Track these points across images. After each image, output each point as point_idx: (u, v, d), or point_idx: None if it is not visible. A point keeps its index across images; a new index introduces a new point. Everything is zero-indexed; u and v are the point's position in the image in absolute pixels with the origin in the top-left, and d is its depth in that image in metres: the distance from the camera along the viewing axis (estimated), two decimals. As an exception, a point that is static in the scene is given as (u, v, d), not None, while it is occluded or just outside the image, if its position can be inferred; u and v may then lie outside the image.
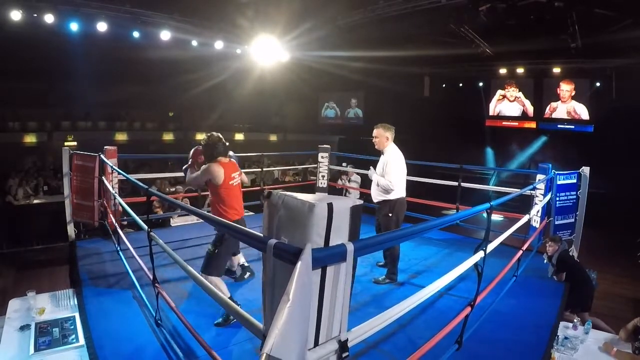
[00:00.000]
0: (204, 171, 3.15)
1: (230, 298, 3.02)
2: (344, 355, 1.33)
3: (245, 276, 3.84)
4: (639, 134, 9.29)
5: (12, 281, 6.04)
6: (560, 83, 11.32)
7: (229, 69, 11.55)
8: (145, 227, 2.83)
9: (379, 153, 4.04)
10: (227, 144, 3.26)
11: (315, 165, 6.88)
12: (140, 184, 2.90)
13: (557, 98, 11.54)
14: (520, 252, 3.50)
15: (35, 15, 7.29)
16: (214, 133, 3.24)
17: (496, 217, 5.49)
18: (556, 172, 4.63)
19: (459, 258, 2.45)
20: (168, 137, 15.41)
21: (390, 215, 3.82)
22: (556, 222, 4.71)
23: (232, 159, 3.33)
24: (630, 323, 3.16)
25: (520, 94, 12.23)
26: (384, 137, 3.85)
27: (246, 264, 3.91)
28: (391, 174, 3.74)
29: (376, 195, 3.91)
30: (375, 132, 3.91)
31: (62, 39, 8.40)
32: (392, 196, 3.80)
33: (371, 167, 4.02)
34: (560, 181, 4.67)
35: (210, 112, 15.00)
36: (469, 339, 2.46)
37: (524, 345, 2.86)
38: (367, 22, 8.25)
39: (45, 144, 12.83)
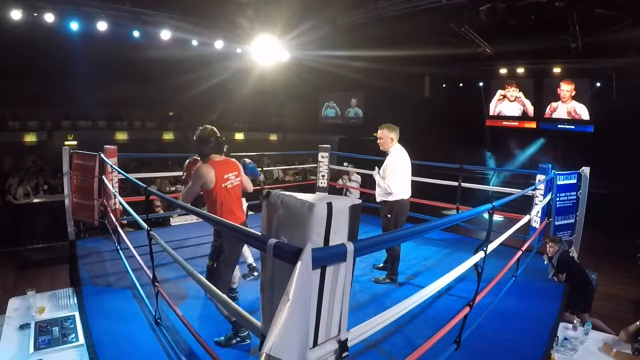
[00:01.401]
0: (193, 177, 2.74)
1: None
2: (343, 354, 1.33)
3: (255, 274, 3.71)
4: (639, 134, 9.28)
5: (12, 280, 6.04)
6: (561, 83, 11.31)
7: (229, 69, 11.55)
8: (145, 226, 2.82)
9: (379, 152, 4.01)
10: (223, 138, 2.89)
11: (315, 165, 6.87)
12: (140, 182, 2.90)
13: (557, 98, 11.53)
14: (520, 252, 3.50)
15: (36, 14, 7.29)
16: (207, 126, 2.85)
17: (496, 217, 5.48)
18: (556, 173, 4.62)
19: (459, 258, 2.44)
20: (168, 136, 15.40)
21: (388, 216, 3.80)
22: (556, 223, 4.70)
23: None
24: (632, 325, 3.15)
25: (521, 94, 12.22)
26: (388, 137, 3.78)
27: (254, 264, 3.77)
28: (390, 177, 3.72)
29: (378, 196, 3.92)
30: (379, 132, 3.84)
31: (62, 38, 8.41)
32: (391, 198, 3.77)
33: (376, 168, 3.98)
34: (561, 181, 4.67)
35: (210, 112, 15.00)
36: (468, 339, 2.46)
37: (523, 346, 2.85)
38: (367, 22, 8.26)
39: (45, 143, 12.82)
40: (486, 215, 2.35)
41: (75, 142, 12.71)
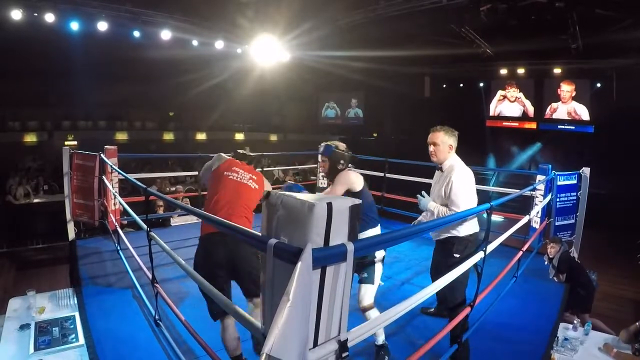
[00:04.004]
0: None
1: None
2: (343, 355, 1.33)
3: None
4: (639, 135, 9.29)
5: (12, 280, 6.05)
6: (561, 83, 11.33)
7: (229, 69, 11.56)
8: (145, 226, 2.82)
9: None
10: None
11: (316, 166, 6.87)
12: (139, 183, 2.90)
13: (557, 98, 11.55)
14: (521, 252, 3.50)
15: (36, 14, 7.29)
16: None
17: (497, 217, 5.48)
18: (556, 173, 4.62)
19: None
20: (168, 137, 15.40)
21: (456, 256, 2.47)
22: (556, 223, 4.70)
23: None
24: (633, 325, 3.15)
25: (521, 95, 12.24)
26: (446, 145, 2.65)
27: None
28: (460, 202, 2.47)
29: (439, 232, 2.64)
30: (433, 137, 2.69)
31: (62, 38, 8.40)
32: (464, 232, 2.52)
33: (421, 196, 2.73)
34: (561, 182, 4.67)
35: (210, 112, 15.00)
36: (469, 339, 2.46)
37: (523, 346, 2.85)
38: (368, 22, 8.26)
39: (45, 143, 12.82)
40: (485, 215, 2.35)
41: (75, 142, 12.71)
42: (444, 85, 13.63)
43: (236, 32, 9.45)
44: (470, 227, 2.53)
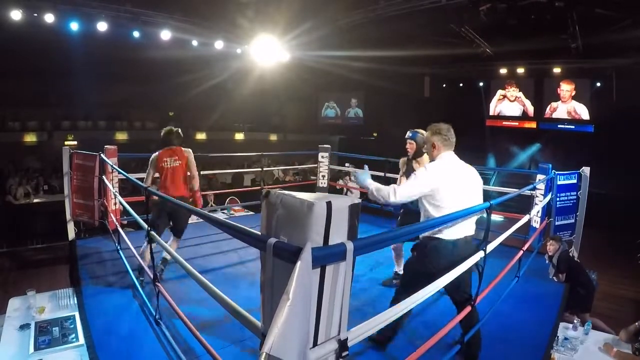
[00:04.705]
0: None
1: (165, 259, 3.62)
2: (343, 354, 1.33)
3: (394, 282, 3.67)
4: (639, 134, 9.29)
5: (12, 280, 6.04)
6: (561, 83, 11.33)
7: (229, 69, 11.57)
8: (145, 226, 2.82)
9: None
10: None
11: (316, 165, 6.87)
12: (140, 182, 2.90)
13: (557, 98, 11.55)
14: (521, 252, 3.50)
15: (36, 14, 7.30)
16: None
17: (497, 217, 5.49)
18: (556, 172, 4.62)
19: (459, 258, 2.43)
20: (168, 136, 15.41)
21: (414, 262, 2.49)
22: (556, 223, 4.70)
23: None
24: (632, 325, 3.15)
25: (521, 94, 12.24)
26: (429, 143, 2.58)
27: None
28: (403, 186, 2.31)
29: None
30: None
31: (62, 38, 8.41)
32: (436, 232, 2.35)
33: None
34: (561, 181, 4.67)
35: (210, 112, 15.02)
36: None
37: (523, 346, 2.85)
38: (367, 22, 8.27)
39: (45, 143, 12.83)
40: (485, 215, 2.35)
41: (75, 142, 12.72)
42: (444, 85, 13.64)
43: (236, 32, 9.46)
44: (446, 230, 2.32)
